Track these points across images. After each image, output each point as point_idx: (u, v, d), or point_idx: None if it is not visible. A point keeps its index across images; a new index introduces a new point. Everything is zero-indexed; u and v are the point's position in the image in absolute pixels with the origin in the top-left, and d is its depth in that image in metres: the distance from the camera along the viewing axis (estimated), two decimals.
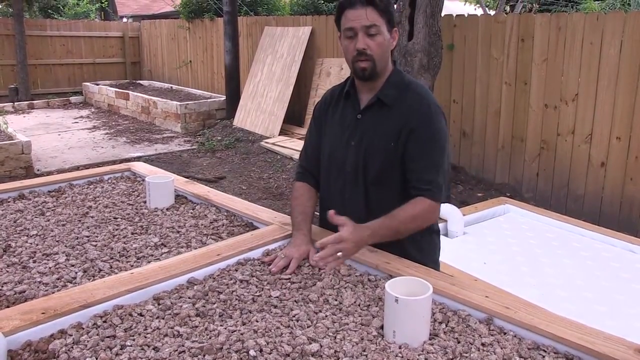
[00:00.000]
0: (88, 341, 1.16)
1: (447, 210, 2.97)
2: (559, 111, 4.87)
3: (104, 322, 1.24)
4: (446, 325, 1.25)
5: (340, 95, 1.73)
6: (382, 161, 1.60)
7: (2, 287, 1.43)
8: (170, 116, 8.42)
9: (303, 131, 7.05)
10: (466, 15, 5.67)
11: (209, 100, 8.69)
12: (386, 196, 1.60)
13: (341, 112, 1.71)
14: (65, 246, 1.69)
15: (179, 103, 8.31)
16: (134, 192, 2.26)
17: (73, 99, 10.80)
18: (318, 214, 1.82)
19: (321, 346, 1.15)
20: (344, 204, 1.67)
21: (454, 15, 5.68)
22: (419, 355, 1.13)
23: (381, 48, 1.57)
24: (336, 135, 1.70)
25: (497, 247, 2.83)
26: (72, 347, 1.14)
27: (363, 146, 1.63)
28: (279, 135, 7.23)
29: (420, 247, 1.67)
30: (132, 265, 1.56)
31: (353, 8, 1.55)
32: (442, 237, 1.85)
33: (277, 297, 1.37)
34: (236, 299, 1.35)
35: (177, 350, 1.13)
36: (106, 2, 16.22)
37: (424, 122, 1.57)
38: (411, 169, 1.58)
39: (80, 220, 1.91)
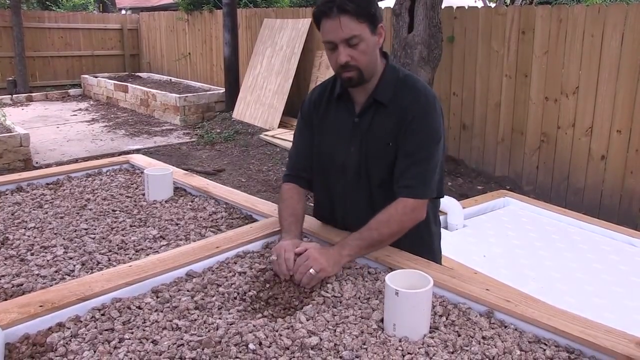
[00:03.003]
0: (86, 334, 1.15)
1: (447, 203, 2.97)
2: (559, 104, 4.85)
3: (102, 315, 1.23)
4: (446, 319, 1.24)
5: (331, 96, 1.63)
6: (385, 163, 1.54)
7: (0, 279, 1.43)
8: (170, 109, 8.39)
9: None
10: (466, 7, 5.64)
11: (208, 92, 8.67)
12: (392, 197, 1.52)
13: (335, 116, 1.62)
14: (64, 239, 1.68)
15: (178, 95, 8.29)
16: (132, 184, 2.25)
17: (72, 91, 10.77)
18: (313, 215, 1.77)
19: (321, 339, 1.14)
20: (345, 207, 1.63)
21: (454, 7, 5.65)
22: (419, 348, 1.13)
23: (365, 55, 1.47)
24: (333, 140, 1.61)
25: (497, 240, 2.82)
26: (70, 340, 1.14)
27: (363, 151, 1.56)
28: (279, 127, 7.21)
29: (412, 236, 1.60)
30: (130, 258, 1.56)
31: (328, 18, 1.44)
32: (442, 230, 1.83)
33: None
34: (235, 292, 1.34)
35: (175, 343, 1.12)
36: None
37: (418, 117, 1.50)
38: (398, 164, 1.51)
39: (78, 213, 1.91)
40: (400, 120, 1.51)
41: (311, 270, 1.33)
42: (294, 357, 1.09)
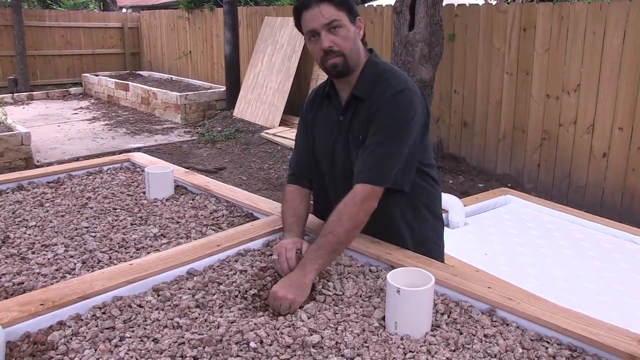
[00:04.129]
0: (87, 333, 1.15)
1: (448, 200, 2.96)
2: (560, 101, 4.84)
3: (103, 313, 1.23)
4: (448, 317, 1.24)
5: (322, 96, 1.66)
6: None
7: (1, 278, 1.43)
8: (170, 107, 8.39)
9: None
10: (467, 4, 5.62)
11: (209, 91, 8.66)
12: (385, 195, 1.48)
13: (325, 115, 1.64)
14: (64, 237, 1.68)
15: (178, 94, 8.28)
16: (133, 182, 2.24)
17: (72, 90, 10.77)
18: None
19: (322, 337, 1.14)
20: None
21: (455, 4, 5.64)
22: (420, 346, 1.12)
23: (348, 41, 1.49)
24: (322, 138, 1.63)
25: (498, 238, 2.82)
26: (71, 339, 1.14)
27: (347, 148, 1.56)
28: (279, 125, 7.21)
29: (414, 232, 1.61)
30: (131, 256, 1.55)
31: (308, 8, 1.49)
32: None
33: None
34: (236, 290, 1.34)
35: (176, 341, 1.12)
36: None
37: (381, 107, 1.48)
38: (359, 154, 1.49)
39: (79, 211, 1.90)
40: (370, 113, 1.50)
41: (283, 308, 1.26)
42: (295, 355, 1.09)
